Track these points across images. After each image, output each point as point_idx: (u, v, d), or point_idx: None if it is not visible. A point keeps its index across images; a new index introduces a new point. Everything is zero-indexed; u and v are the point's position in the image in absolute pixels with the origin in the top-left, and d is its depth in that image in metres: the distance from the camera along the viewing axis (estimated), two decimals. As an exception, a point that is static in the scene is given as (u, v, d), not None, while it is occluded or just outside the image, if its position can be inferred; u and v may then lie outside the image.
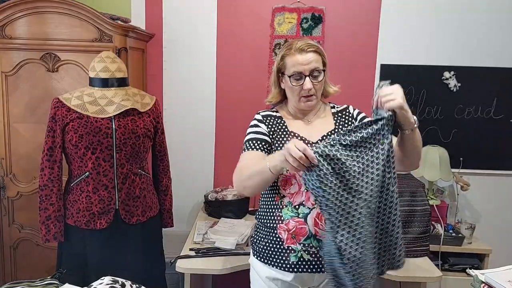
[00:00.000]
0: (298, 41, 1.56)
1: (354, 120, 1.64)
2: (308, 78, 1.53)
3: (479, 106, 2.78)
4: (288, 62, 1.55)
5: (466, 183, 2.67)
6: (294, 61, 1.53)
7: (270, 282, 1.60)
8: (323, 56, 1.57)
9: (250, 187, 1.50)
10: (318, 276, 1.56)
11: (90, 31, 2.28)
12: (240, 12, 2.77)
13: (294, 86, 1.54)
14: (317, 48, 1.55)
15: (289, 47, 1.56)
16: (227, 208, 2.61)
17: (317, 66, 1.54)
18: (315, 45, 1.56)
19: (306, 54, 1.52)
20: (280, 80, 1.62)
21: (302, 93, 1.55)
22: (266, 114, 1.65)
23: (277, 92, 1.65)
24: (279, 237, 1.54)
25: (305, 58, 1.52)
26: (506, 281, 1.29)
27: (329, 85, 1.65)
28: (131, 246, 2.02)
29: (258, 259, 1.62)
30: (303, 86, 1.53)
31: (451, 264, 2.52)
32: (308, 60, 1.52)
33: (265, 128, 1.60)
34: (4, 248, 2.46)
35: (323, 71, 1.56)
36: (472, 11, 2.71)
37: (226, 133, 2.87)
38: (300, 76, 1.53)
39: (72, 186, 1.97)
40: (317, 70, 1.54)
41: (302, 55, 1.52)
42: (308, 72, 1.52)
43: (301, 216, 1.51)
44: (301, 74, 1.53)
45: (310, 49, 1.53)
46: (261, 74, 2.80)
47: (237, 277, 2.05)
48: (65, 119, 1.90)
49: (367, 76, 2.80)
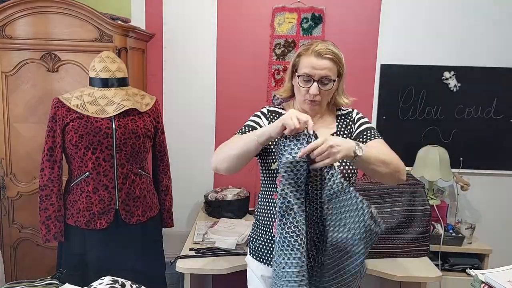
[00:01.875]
0: (319, 43, 1.51)
1: (354, 124, 1.62)
2: (316, 84, 1.49)
3: (479, 106, 2.78)
4: (302, 62, 1.52)
5: (466, 183, 2.67)
6: (307, 63, 1.49)
7: (265, 281, 1.60)
8: (340, 65, 1.51)
9: (227, 159, 1.47)
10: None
11: (90, 31, 2.28)
12: (240, 12, 2.77)
13: (301, 87, 1.52)
14: (335, 56, 1.49)
15: (308, 47, 1.52)
16: (227, 208, 2.61)
17: (329, 75, 1.49)
18: (334, 52, 1.49)
19: (322, 59, 1.47)
20: (293, 76, 1.59)
21: (307, 97, 1.52)
22: (272, 109, 1.64)
23: (289, 87, 1.62)
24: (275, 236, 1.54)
25: (319, 63, 1.47)
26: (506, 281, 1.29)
27: (342, 97, 1.60)
28: (131, 246, 2.02)
29: (254, 258, 1.63)
30: (309, 90, 1.50)
31: (451, 264, 2.52)
32: (321, 66, 1.47)
33: (266, 122, 1.59)
34: (4, 248, 2.46)
35: (334, 81, 1.51)
36: (472, 11, 2.71)
37: (226, 133, 2.83)
38: (309, 79, 1.49)
39: (72, 186, 1.97)
40: (327, 78, 1.49)
41: (317, 59, 1.48)
42: (318, 78, 1.48)
43: None
44: (310, 77, 1.49)
45: (328, 56, 1.48)
46: (261, 74, 2.80)
47: (237, 277, 2.05)
48: (65, 119, 1.90)
49: (367, 76, 2.80)
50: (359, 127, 1.60)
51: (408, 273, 2.07)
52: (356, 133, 1.59)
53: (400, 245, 2.22)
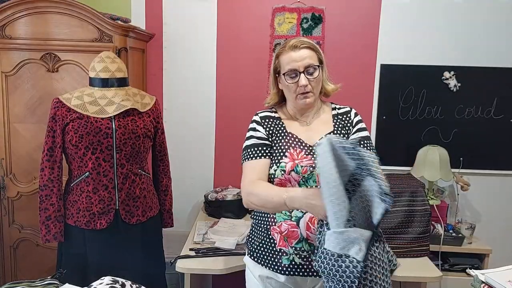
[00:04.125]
0: (291, 39, 1.55)
1: (352, 127, 1.61)
2: (302, 75, 1.51)
3: (479, 106, 2.78)
4: (283, 60, 1.54)
5: (466, 183, 2.67)
6: (288, 59, 1.52)
7: (263, 281, 1.60)
8: (318, 52, 1.55)
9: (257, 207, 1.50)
10: (311, 280, 1.55)
11: (90, 31, 2.28)
12: (240, 12, 2.77)
13: (290, 83, 1.53)
14: (310, 44, 1.54)
15: (283, 45, 1.56)
16: (227, 208, 2.61)
17: (311, 63, 1.52)
18: (308, 41, 1.54)
19: (299, 50, 1.51)
20: (277, 81, 1.61)
21: (298, 90, 1.53)
22: (265, 115, 1.63)
23: (275, 93, 1.64)
24: (273, 238, 1.54)
25: (298, 54, 1.51)
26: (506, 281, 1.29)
27: (327, 83, 1.62)
28: (131, 246, 2.02)
29: (252, 259, 1.63)
30: (299, 83, 1.51)
31: (451, 264, 2.52)
32: (301, 56, 1.51)
33: (263, 131, 1.58)
34: (4, 248, 2.46)
35: (319, 67, 1.54)
36: (472, 11, 2.71)
37: (226, 133, 2.87)
38: (295, 73, 1.51)
39: (72, 186, 1.97)
40: (312, 67, 1.52)
41: (295, 52, 1.51)
42: (303, 69, 1.51)
43: (294, 219, 1.50)
44: (295, 71, 1.51)
45: (303, 46, 1.52)
46: (261, 74, 2.80)
47: (237, 277, 2.05)
48: (65, 119, 1.90)
49: (367, 76, 2.80)
50: (355, 133, 1.60)
51: (408, 273, 2.06)
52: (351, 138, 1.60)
53: (400, 245, 2.22)
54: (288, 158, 1.51)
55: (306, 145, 1.54)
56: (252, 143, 1.58)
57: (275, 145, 1.56)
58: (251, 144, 1.57)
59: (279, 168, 1.50)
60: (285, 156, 1.51)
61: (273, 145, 1.56)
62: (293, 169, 1.48)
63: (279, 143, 1.55)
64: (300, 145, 1.54)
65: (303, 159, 1.50)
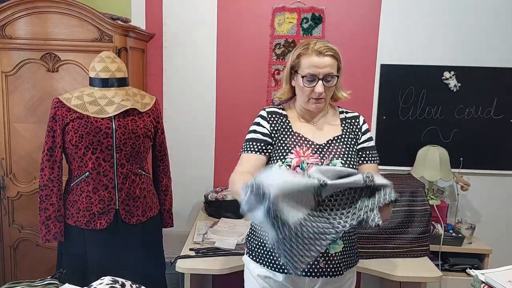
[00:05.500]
0: (317, 42, 1.52)
1: (361, 133, 1.63)
2: (321, 82, 1.50)
3: (479, 106, 2.78)
4: (304, 62, 1.52)
5: (466, 183, 2.67)
6: (309, 62, 1.50)
7: (262, 280, 1.60)
8: (339, 61, 1.54)
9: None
10: (309, 279, 1.55)
11: (90, 31, 2.28)
12: (240, 12, 2.77)
13: (306, 87, 1.52)
14: (334, 53, 1.52)
15: (307, 46, 1.52)
16: (227, 208, 2.61)
17: (332, 72, 1.51)
18: (334, 49, 1.52)
19: (323, 57, 1.49)
20: (292, 78, 1.60)
21: (312, 95, 1.53)
22: (272, 110, 1.64)
23: (287, 88, 1.64)
24: None
25: (321, 61, 1.49)
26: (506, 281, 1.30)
27: (340, 91, 1.63)
28: (131, 246, 2.02)
29: (251, 258, 1.63)
30: (315, 89, 1.51)
31: (451, 264, 2.52)
32: (324, 64, 1.49)
33: (268, 126, 1.59)
34: (4, 248, 2.46)
35: (337, 76, 1.54)
36: (472, 11, 2.71)
37: (226, 133, 2.87)
38: (313, 78, 1.51)
39: (72, 186, 1.97)
40: (331, 75, 1.51)
41: (319, 58, 1.49)
42: (322, 76, 1.50)
43: None
44: (314, 76, 1.50)
45: (328, 53, 1.50)
46: (261, 74, 2.80)
47: (237, 277, 2.05)
48: (65, 119, 1.90)
49: (367, 76, 2.80)
50: (364, 142, 1.63)
51: (408, 273, 2.07)
52: (360, 147, 1.62)
53: (400, 245, 2.22)
54: (295, 154, 1.52)
55: (313, 143, 1.55)
56: (253, 137, 1.59)
57: (280, 142, 1.56)
58: (252, 138, 1.59)
59: (284, 163, 1.51)
60: (291, 153, 1.53)
61: (277, 142, 1.57)
62: (298, 165, 1.50)
63: (285, 141, 1.56)
64: (306, 143, 1.55)
65: (309, 157, 1.52)
